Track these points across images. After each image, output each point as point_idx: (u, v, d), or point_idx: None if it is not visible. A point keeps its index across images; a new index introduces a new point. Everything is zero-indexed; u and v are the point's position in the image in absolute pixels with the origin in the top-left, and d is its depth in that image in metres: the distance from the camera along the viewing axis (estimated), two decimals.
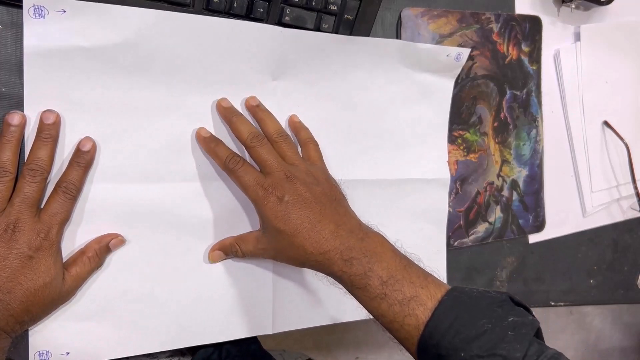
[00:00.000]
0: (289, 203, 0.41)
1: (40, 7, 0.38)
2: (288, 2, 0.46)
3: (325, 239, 0.41)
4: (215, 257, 0.47)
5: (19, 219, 0.38)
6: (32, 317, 0.39)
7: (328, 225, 0.42)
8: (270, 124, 0.46)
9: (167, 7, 0.43)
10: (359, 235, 0.42)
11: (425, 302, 0.38)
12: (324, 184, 0.45)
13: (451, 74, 0.55)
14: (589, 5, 0.64)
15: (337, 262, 0.41)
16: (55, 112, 0.39)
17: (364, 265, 0.40)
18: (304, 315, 0.52)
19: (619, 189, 0.69)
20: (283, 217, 0.41)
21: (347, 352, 1.43)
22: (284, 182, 0.42)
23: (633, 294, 0.72)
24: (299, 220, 0.41)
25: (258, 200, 0.42)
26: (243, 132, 0.44)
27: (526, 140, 0.63)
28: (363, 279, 0.40)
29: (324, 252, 0.41)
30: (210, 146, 0.45)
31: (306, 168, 0.45)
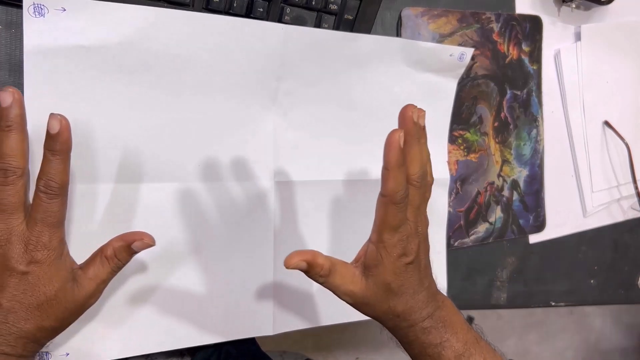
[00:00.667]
0: (409, 267, 0.39)
1: (40, 6, 0.38)
2: (288, 2, 0.46)
3: (417, 307, 0.39)
4: (291, 265, 0.38)
5: (2, 230, 0.33)
6: (47, 332, 0.36)
7: (424, 292, 0.40)
8: (418, 165, 0.39)
9: (167, 6, 0.43)
10: (437, 302, 0.40)
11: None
12: (427, 249, 0.42)
13: (454, 74, 0.55)
14: (589, 5, 0.64)
15: (415, 328, 0.39)
16: (13, 92, 0.33)
17: (441, 334, 0.39)
18: (304, 316, 0.52)
19: (620, 189, 0.69)
20: (399, 277, 0.38)
21: (347, 352, 1.43)
22: (414, 242, 0.38)
23: (633, 294, 0.72)
24: (409, 284, 0.39)
25: (387, 247, 0.38)
26: (417, 167, 0.38)
27: (527, 140, 0.63)
28: (437, 349, 0.39)
29: (410, 319, 0.39)
30: (399, 163, 0.37)
31: (424, 227, 0.41)
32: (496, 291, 0.63)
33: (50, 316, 0.35)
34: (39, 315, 0.34)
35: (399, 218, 0.37)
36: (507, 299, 0.64)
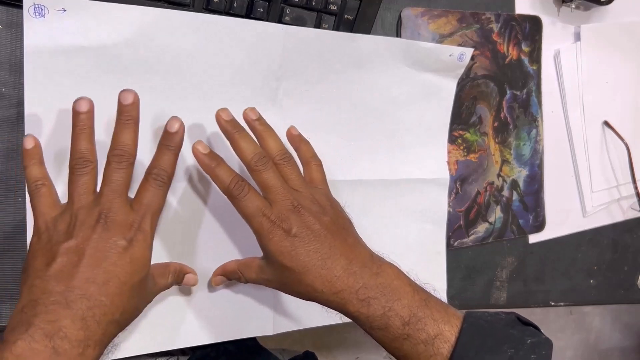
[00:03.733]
0: (296, 238, 0.38)
1: (40, 6, 0.38)
2: (288, 2, 0.46)
3: (337, 277, 0.38)
4: (217, 282, 0.46)
5: (110, 208, 0.35)
6: (125, 317, 0.36)
7: (339, 260, 0.38)
8: (272, 143, 0.42)
9: (167, 6, 0.43)
10: (372, 269, 0.39)
11: (449, 338, 0.37)
12: (330, 212, 0.41)
13: (454, 74, 0.55)
14: (589, 5, 0.64)
15: (352, 302, 0.38)
16: (133, 92, 0.37)
17: (382, 304, 0.37)
18: (304, 315, 0.52)
19: (619, 189, 0.69)
20: (290, 254, 0.38)
21: (347, 352, 1.43)
22: (291, 213, 0.39)
23: (633, 294, 0.72)
24: (308, 257, 0.38)
25: (262, 233, 0.39)
26: (247, 152, 0.40)
27: (526, 140, 0.63)
28: (383, 320, 0.37)
29: (336, 291, 0.38)
30: (210, 166, 0.40)
31: (311, 194, 0.41)
32: (496, 291, 0.63)
33: (133, 299, 0.36)
34: (127, 295, 0.35)
35: (244, 205, 0.39)
36: (506, 299, 0.64)
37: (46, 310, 0.32)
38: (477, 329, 0.37)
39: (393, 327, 0.37)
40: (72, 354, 0.31)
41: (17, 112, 0.41)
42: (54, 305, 0.32)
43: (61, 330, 0.31)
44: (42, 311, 0.32)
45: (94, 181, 0.37)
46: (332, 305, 0.39)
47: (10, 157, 0.41)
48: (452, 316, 0.38)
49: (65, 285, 0.33)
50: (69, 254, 0.34)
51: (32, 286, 0.33)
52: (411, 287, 0.39)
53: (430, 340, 0.37)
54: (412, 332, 0.37)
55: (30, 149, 0.37)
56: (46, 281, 0.33)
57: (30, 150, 0.37)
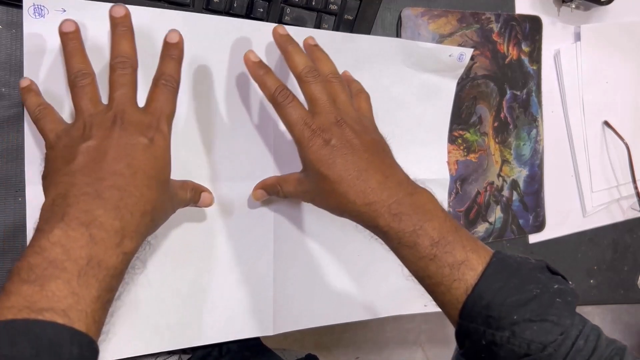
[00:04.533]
0: (335, 148, 0.39)
1: (40, 7, 0.38)
2: (288, 2, 0.46)
3: (371, 189, 0.39)
4: (257, 196, 0.47)
5: (124, 110, 0.36)
6: (157, 212, 0.36)
7: (375, 174, 0.39)
8: (327, 64, 0.43)
9: (167, 6, 0.43)
10: (407, 189, 0.39)
11: (475, 266, 0.36)
12: (372, 134, 0.42)
13: (454, 74, 0.55)
14: (589, 5, 0.64)
15: (383, 215, 0.38)
16: (123, 5, 0.38)
17: (414, 222, 0.38)
18: (304, 315, 0.52)
19: (619, 189, 0.69)
20: (327, 162, 0.39)
21: (347, 352, 1.43)
22: (333, 126, 0.40)
23: (633, 294, 0.72)
24: (344, 167, 0.39)
25: (303, 141, 0.40)
26: (299, 64, 0.41)
27: (526, 140, 0.63)
28: (412, 237, 0.37)
29: (369, 202, 0.38)
30: (258, 73, 0.41)
31: (357, 115, 0.42)
32: None
33: (161, 194, 0.36)
34: (154, 187, 0.35)
35: (287, 113, 0.40)
36: None
37: (78, 201, 0.32)
38: (504, 265, 0.37)
39: (421, 245, 0.37)
40: (109, 243, 0.31)
41: (17, 112, 0.41)
42: (84, 196, 0.32)
43: (96, 219, 0.31)
44: (74, 202, 0.31)
45: (98, 92, 0.37)
46: (362, 217, 0.39)
47: (10, 157, 0.41)
48: (481, 248, 0.38)
49: (93, 177, 0.33)
50: (90, 152, 0.34)
51: (58, 183, 0.33)
52: (443, 213, 0.39)
53: (456, 264, 0.37)
54: (439, 253, 0.37)
55: (26, 85, 0.38)
56: (72, 176, 0.33)
57: (26, 86, 0.38)
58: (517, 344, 0.34)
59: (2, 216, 0.41)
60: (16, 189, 0.42)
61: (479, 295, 0.35)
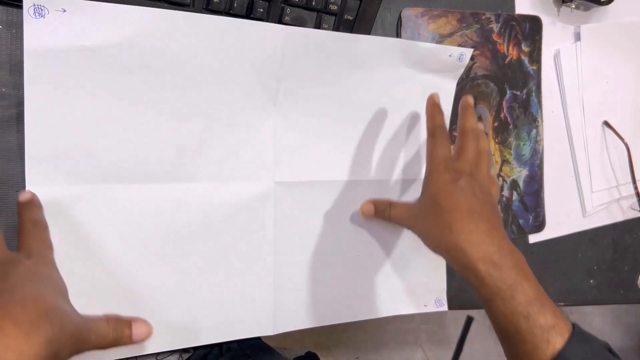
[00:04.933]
0: (458, 187, 0.43)
1: (40, 7, 0.38)
2: (288, 2, 0.46)
3: (477, 230, 0.41)
4: (365, 210, 0.50)
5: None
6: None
7: (484, 221, 0.42)
8: (473, 120, 0.48)
9: (167, 6, 0.43)
10: (509, 245, 0.42)
11: (563, 333, 0.38)
12: (492, 198, 0.46)
13: (453, 75, 0.55)
14: (589, 5, 0.64)
15: (485, 261, 0.40)
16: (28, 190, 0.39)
17: (513, 276, 0.39)
18: (304, 315, 0.52)
19: (619, 189, 0.69)
20: (447, 193, 0.42)
21: (347, 352, 1.43)
22: (466, 174, 0.44)
23: (633, 294, 0.72)
24: (459, 203, 0.42)
25: (434, 172, 0.44)
26: (469, 123, 0.47)
27: (526, 140, 0.63)
28: (510, 290, 0.39)
29: (472, 241, 0.40)
30: (433, 110, 0.48)
31: (487, 183, 0.46)
32: None
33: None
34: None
35: (437, 145, 0.45)
36: None
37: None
38: (585, 337, 0.39)
39: (518, 301, 0.39)
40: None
41: (17, 112, 0.41)
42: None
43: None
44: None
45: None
46: (461, 254, 0.41)
47: (11, 157, 0.41)
48: (565, 318, 0.40)
49: None
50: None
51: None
52: (533, 276, 0.41)
53: (547, 327, 0.38)
54: (533, 313, 0.38)
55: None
56: None
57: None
58: None
59: (2, 216, 0.41)
60: (16, 189, 0.42)
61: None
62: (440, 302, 0.58)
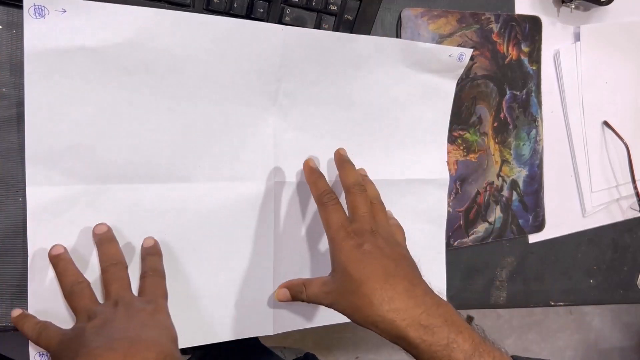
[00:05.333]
0: (366, 252, 0.40)
1: (40, 7, 0.38)
2: (288, 2, 0.46)
3: (398, 295, 0.38)
4: (280, 296, 0.47)
5: (123, 296, 0.40)
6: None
7: (402, 281, 0.39)
8: (374, 189, 0.48)
9: (167, 6, 0.43)
10: (434, 298, 0.40)
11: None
12: (402, 250, 0.44)
13: (453, 75, 0.55)
14: (588, 5, 0.64)
15: (413, 326, 0.37)
16: (103, 223, 0.43)
17: (446, 334, 0.37)
18: (304, 315, 0.52)
19: (619, 189, 0.69)
20: (356, 262, 0.40)
21: (347, 352, 1.43)
22: (367, 233, 0.42)
23: (633, 293, 0.72)
24: (372, 269, 0.39)
25: (336, 241, 0.42)
26: (351, 177, 0.46)
27: (526, 140, 0.63)
28: (446, 351, 0.37)
29: (395, 309, 0.38)
30: (312, 177, 0.47)
31: (390, 233, 0.45)
32: (495, 291, 0.63)
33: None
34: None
35: (330, 213, 0.44)
36: (506, 299, 0.64)
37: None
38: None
39: (456, 359, 0.37)
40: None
41: (17, 112, 0.41)
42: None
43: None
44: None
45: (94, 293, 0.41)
46: (388, 326, 0.38)
47: (10, 157, 0.41)
48: (505, 355, 0.39)
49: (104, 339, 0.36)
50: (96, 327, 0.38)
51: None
52: (466, 323, 0.39)
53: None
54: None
55: (58, 254, 0.41)
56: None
57: (58, 255, 0.41)
58: None
59: (2, 216, 0.42)
60: (16, 189, 0.42)
61: None
62: None
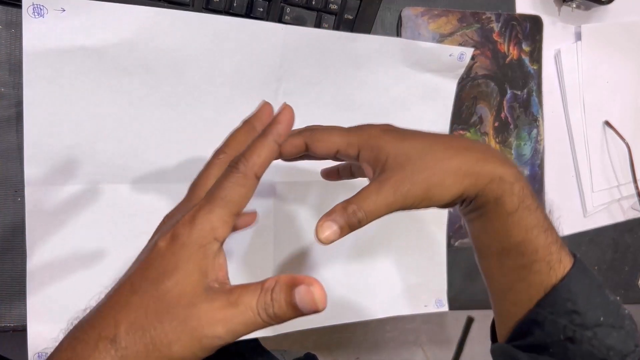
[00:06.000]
0: (406, 132, 0.35)
1: (39, 6, 0.37)
2: (288, 2, 0.46)
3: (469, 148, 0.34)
4: (330, 237, 0.32)
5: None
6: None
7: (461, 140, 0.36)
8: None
9: (167, 6, 0.42)
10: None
11: (570, 257, 0.35)
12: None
13: (454, 74, 0.55)
14: (589, 4, 0.64)
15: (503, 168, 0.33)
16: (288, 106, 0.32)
17: (530, 186, 0.34)
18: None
19: (620, 189, 0.69)
20: (404, 138, 0.34)
21: (347, 352, 1.43)
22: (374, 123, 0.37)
23: (633, 294, 0.72)
24: (427, 137, 0.34)
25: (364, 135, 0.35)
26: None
27: (527, 140, 0.63)
28: (534, 200, 0.34)
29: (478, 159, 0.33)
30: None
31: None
32: None
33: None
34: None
35: (334, 134, 0.37)
36: None
37: None
38: (586, 267, 0.35)
39: (541, 211, 0.34)
40: None
41: (16, 112, 0.41)
42: None
43: None
44: None
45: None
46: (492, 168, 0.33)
47: (10, 157, 0.41)
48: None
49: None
50: None
51: None
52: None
53: (560, 245, 0.35)
54: (550, 226, 0.35)
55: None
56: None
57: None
58: (597, 346, 0.33)
59: (1, 216, 0.41)
60: (15, 189, 0.42)
61: (567, 287, 0.33)
62: (441, 303, 0.57)
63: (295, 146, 0.36)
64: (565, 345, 0.33)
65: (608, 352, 0.33)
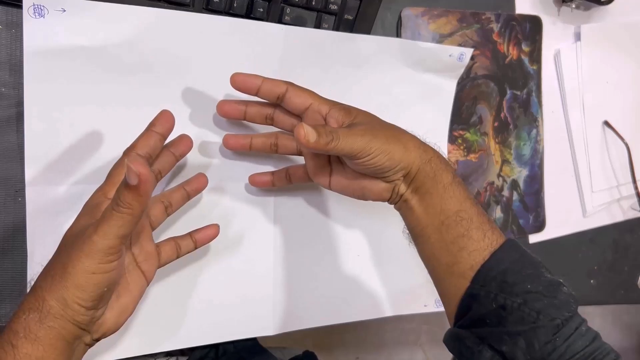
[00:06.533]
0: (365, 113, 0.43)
1: (40, 7, 0.38)
2: (288, 2, 0.46)
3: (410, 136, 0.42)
4: (310, 136, 0.35)
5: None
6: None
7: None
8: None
9: (167, 6, 0.43)
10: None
11: (501, 234, 0.39)
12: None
13: (454, 74, 0.55)
14: (589, 5, 0.64)
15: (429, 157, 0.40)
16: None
17: (454, 168, 0.41)
18: (304, 315, 0.52)
19: (620, 189, 0.69)
20: (369, 113, 0.42)
21: (347, 352, 1.43)
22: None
23: (633, 294, 0.72)
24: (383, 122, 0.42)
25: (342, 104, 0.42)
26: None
27: (526, 140, 0.63)
28: (459, 178, 0.40)
29: (414, 138, 0.41)
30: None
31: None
32: None
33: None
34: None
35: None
36: None
37: None
38: (518, 246, 0.39)
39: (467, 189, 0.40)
40: None
41: (16, 112, 0.41)
42: None
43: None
44: None
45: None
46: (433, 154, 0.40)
47: (10, 157, 0.41)
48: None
49: None
50: None
51: None
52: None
53: (493, 222, 0.40)
54: (480, 208, 0.40)
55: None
56: None
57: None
58: (527, 311, 0.35)
59: (2, 216, 0.41)
60: (16, 189, 0.42)
61: (497, 260, 0.37)
62: (441, 303, 0.57)
63: (277, 85, 0.41)
64: (498, 312, 0.36)
65: (538, 316, 0.35)
